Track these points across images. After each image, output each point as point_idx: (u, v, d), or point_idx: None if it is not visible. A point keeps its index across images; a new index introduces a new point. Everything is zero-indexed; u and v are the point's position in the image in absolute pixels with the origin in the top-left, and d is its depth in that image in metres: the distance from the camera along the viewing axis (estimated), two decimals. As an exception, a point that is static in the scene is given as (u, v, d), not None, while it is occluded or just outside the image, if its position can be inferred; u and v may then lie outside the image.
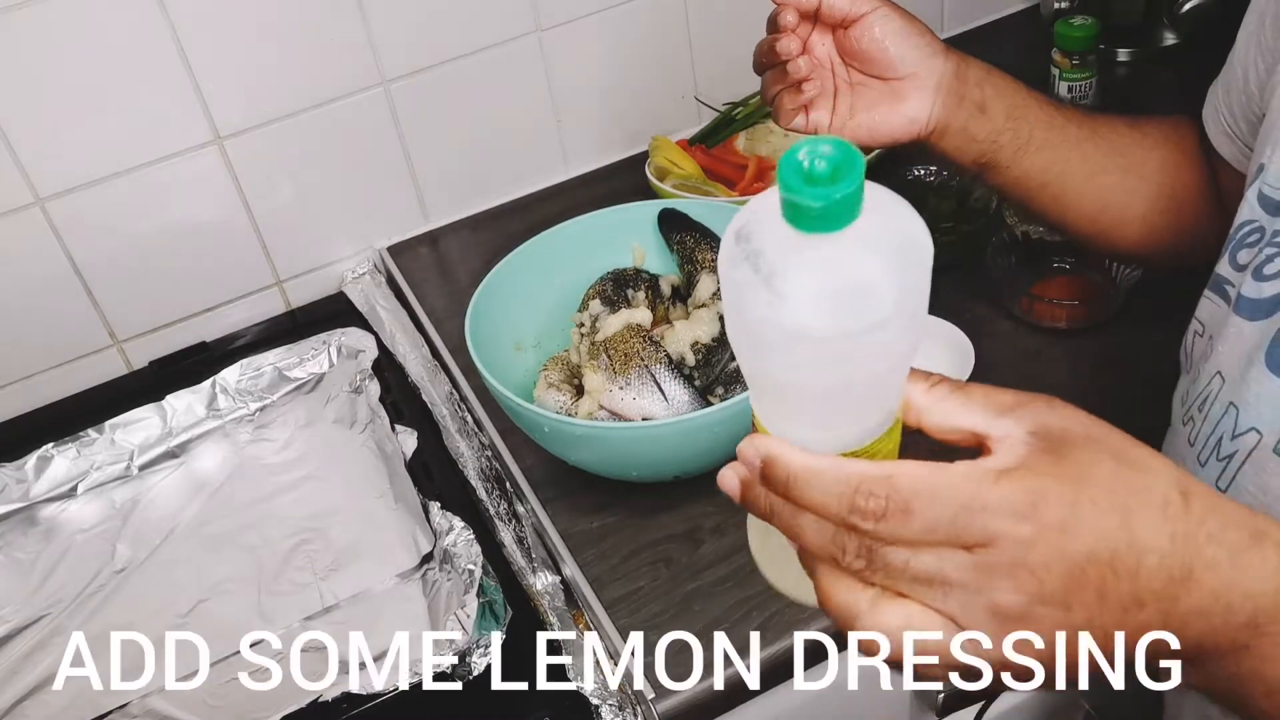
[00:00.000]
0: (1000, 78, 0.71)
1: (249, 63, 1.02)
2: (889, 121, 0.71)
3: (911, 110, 0.70)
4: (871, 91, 0.71)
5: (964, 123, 0.70)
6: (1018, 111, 0.71)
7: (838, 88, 0.71)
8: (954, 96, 0.70)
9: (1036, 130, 0.71)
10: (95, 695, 0.77)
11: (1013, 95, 0.71)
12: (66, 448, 0.96)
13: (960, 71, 0.70)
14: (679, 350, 0.85)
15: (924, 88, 0.70)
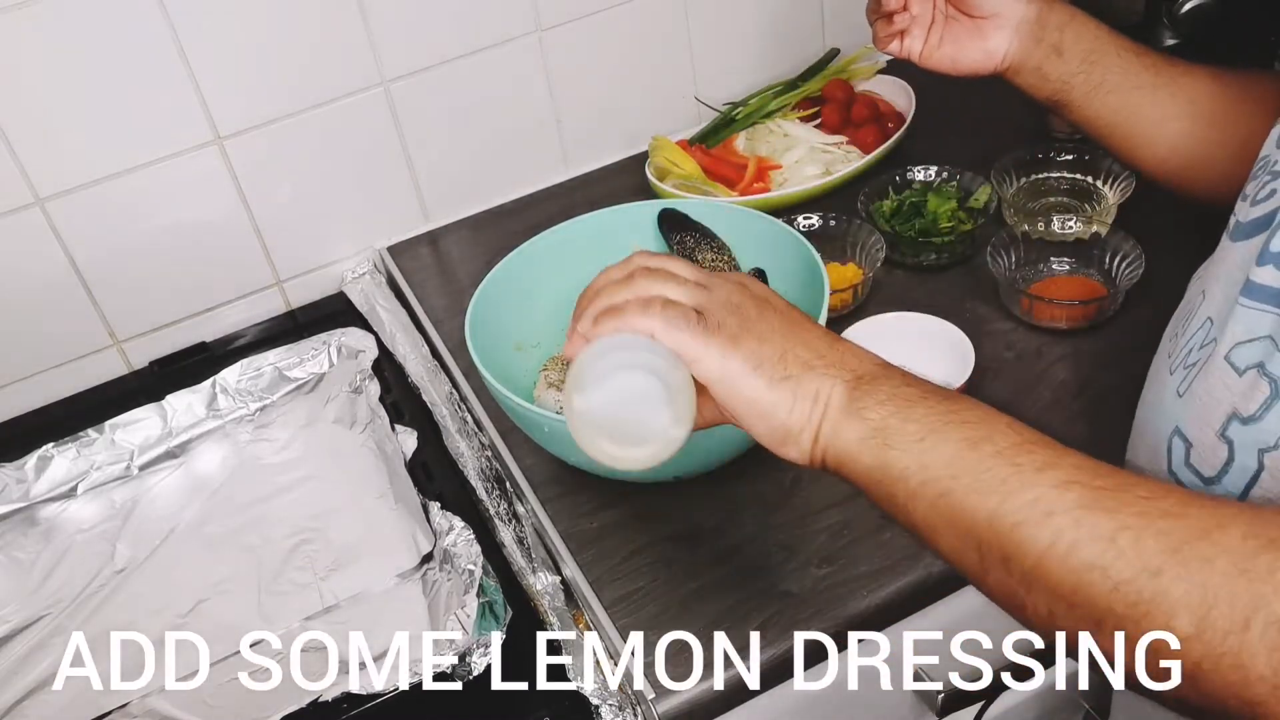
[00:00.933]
0: (1083, 23, 0.76)
1: (249, 63, 1.02)
2: (968, 55, 0.78)
3: (990, 46, 0.78)
4: (959, 26, 0.79)
5: (1038, 63, 0.77)
6: (1094, 56, 0.76)
7: (935, 19, 0.79)
8: (1031, 38, 0.76)
9: (1110, 75, 0.76)
10: (95, 695, 0.77)
11: (1092, 40, 0.76)
12: (66, 448, 0.96)
13: (1042, 15, 0.76)
14: (679, 350, 0.85)
15: (1004, 27, 0.77)
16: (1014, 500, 0.47)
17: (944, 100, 1.12)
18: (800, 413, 0.54)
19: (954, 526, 0.49)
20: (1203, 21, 1.08)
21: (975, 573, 0.49)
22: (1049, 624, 0.47)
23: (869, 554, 0.78)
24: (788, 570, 0.78)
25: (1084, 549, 0.45)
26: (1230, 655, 0.42)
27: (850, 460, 0.53)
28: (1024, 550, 0.47)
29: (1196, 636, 0.42)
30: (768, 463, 0.86)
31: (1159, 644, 0.43)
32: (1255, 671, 0.41)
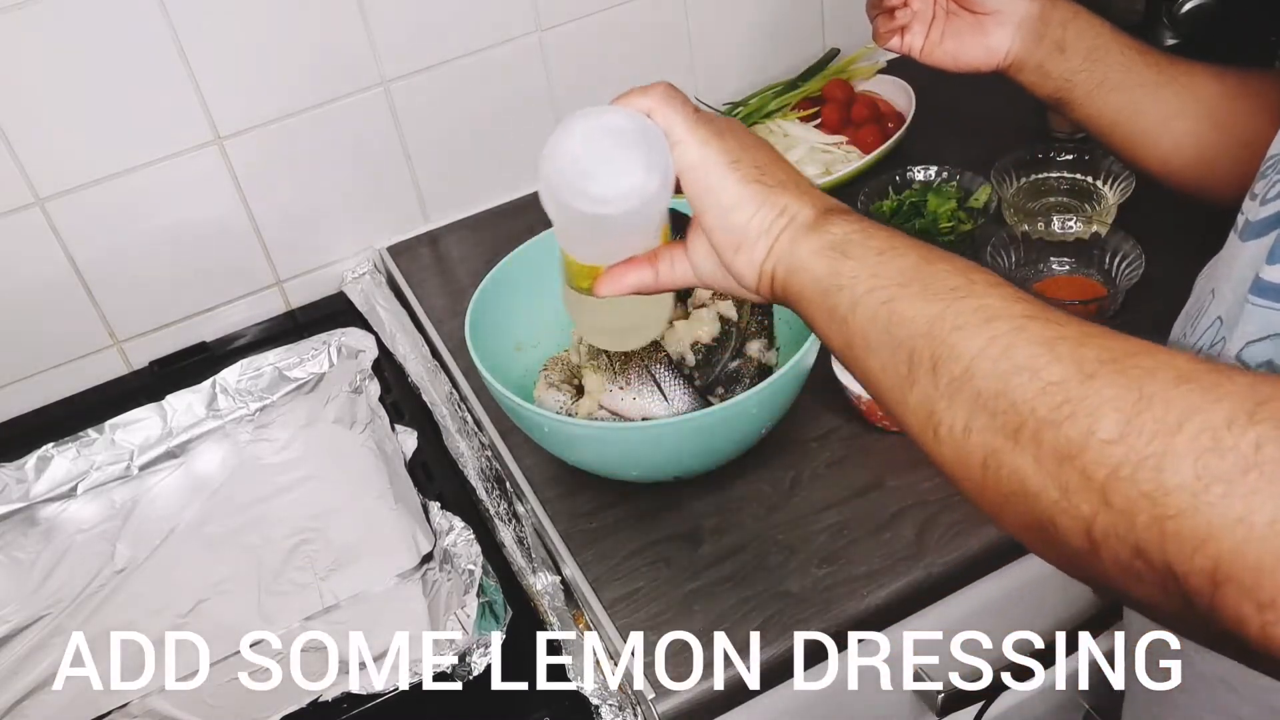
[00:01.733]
0: (1086, 20, 0.76)
1: (249, 63, 1.02)
2: (970, 51, 0.78)
3: (991, 43, 0.77)
4: (961, 22, 0.78)
5: (1040, 60, 0.76)
6: (1097, 54, 0.76)
7: (935, 15, 0.79)
8: (1034, 35, 0.76)
9: (1113, 73, 0.76)
10: (95, 695, 0.77)
11: (1095, 38, 0.76)
12: (66, 448, 0.96)
13: (1044, 12, 0.76)
14: (679, 350, 0.85)
15: (1006, 24, 0.77)
16: (959, 306, 0.45)
17: (944, 100, 1.12)
18: (762, 219, 0.53)
19: (890, 335, 0.47)
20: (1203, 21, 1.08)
21: (899, 387, 0.46)
22: (962, 443, 0.43)
23: (869, 554, 0.78)
24: (788, 570, 0.78)
25: (1019, 351, 0.42)
26: (1153, 459, 0.37)
27: (801, 270, 0.52)
28: (957, 353, 0.44)
29: (1120, 440, 0.38)
30: (768, 463, 0.86)
31: (1074, 448, 0.39)
32: (1176, 478, 0.36)
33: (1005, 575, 0.81)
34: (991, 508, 0.44)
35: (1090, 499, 0.38)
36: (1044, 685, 0.95)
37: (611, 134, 0.54)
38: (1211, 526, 0.35)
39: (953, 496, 0.81)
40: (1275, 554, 0.34)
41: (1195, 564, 0.36)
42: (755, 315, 0.90)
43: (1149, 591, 0.38)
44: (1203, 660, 0.63)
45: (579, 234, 0.58)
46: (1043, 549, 0.42)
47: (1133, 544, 0.37)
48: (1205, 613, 0.36)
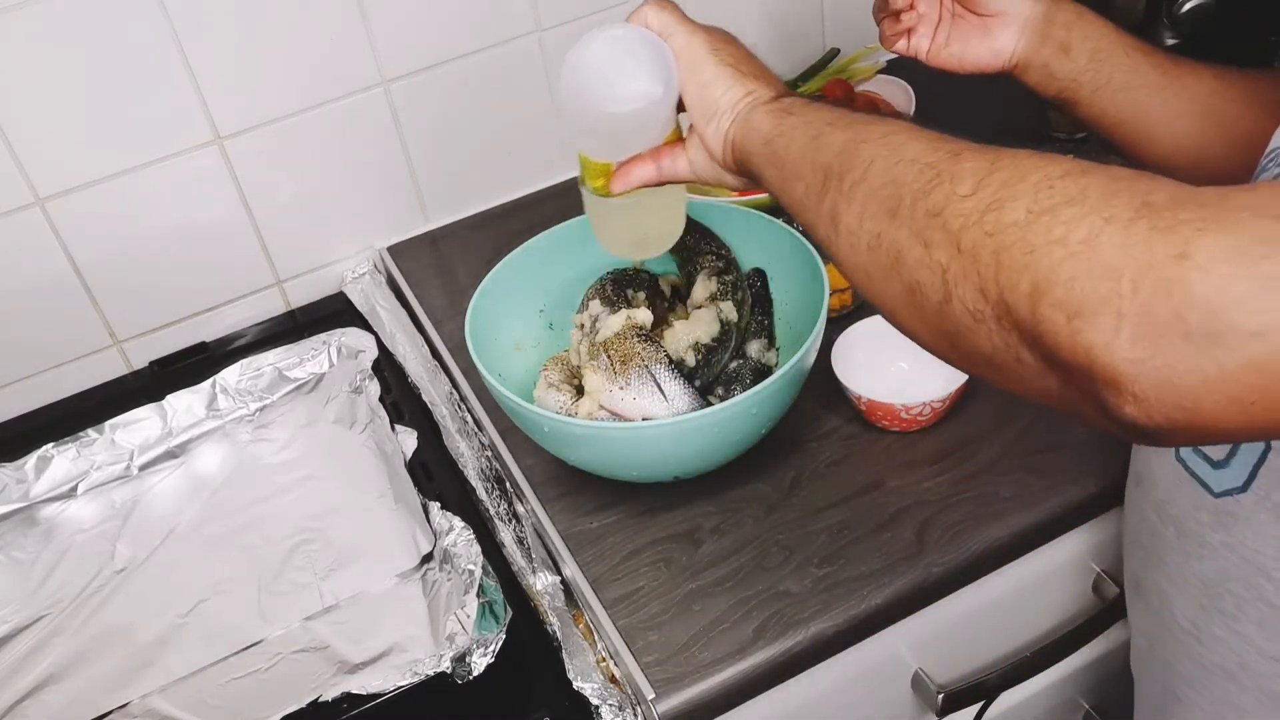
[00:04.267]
0: (1090, 21, 0.77)
1: (249, 63, 1.02)
2: (976, 53, 0.79)
3: (997, 45, 0.78)
4: (966, 24, 0.79)
5: (1045, 61, 0.77)
6: (1101, 54, 0.76)
7: (941, 18, 0.80)
8: (1038, 36, 0.77)
9: (1117, 73, 0.76)
10: (95, 695, 0.77)
11: (1099, 39, 0.77)
12: (66, 448, 0.96)
13: (1049, 13, 0.77)
14: (679, 350, 0.85)
15: (1010, 25, 0.78)
16: (871, 129, 0.53)
17: (944, 100, 1.12)
18: (731, 96, 0.63)
19: (812, 160, 0.55)
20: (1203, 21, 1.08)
21: (816, 201, 0.54)
22: (856, 232, 0.50)
23: (869, 554, 0.78)
24: (788, 570, 0.78)
25: (907, 149, 0.49)
26: (996, 203, 0.43)
27: (753, 130, 0.61)
28: (860, 159, 0.52)
29: (973, 193, 0.44)
30: (768, 463, 0.86)
31: (937, 207, 0.45)
32: (1012, 215, 0.42)
33: (1005, 575, 0.81)
34: (876, 288, 0.50)
35: (947, 249, 0.44)
36: (1044, 685, 0.96)
37: (622, 44, 0.64)
38: (1034, 248, 0.40)
39: (953, 496, 0.81)
40: (1085, 268, 0.39)
41: (1020, 289, 0.41)
42: (755, 315, 0.90)
43: (990, 335, 0.43)
44: (1205, 651, 0.64)
45: (595, 133, 0.68)
46: (911, 315, 0.48)
47: (976, 283, 0.43)
48: (1031, 339, 0.41)
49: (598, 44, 0.64)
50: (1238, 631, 0.61)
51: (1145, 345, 0.37)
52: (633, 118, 0.65)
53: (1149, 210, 0.38)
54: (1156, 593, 0.68)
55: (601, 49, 0.64)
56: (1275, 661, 0.60)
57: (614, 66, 0.64)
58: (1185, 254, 0.37)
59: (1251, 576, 0.58)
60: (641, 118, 0.65)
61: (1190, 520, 0.62)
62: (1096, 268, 0.38)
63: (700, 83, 0.64)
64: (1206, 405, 0.37)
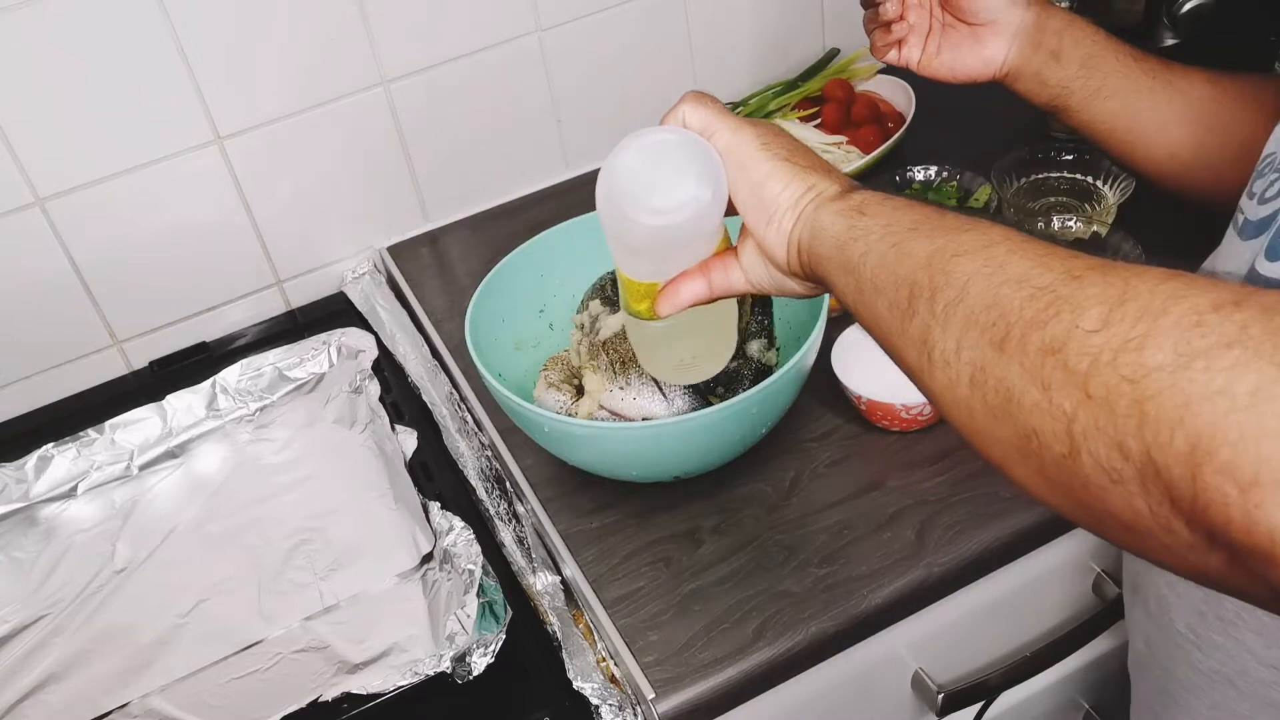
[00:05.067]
0: (1081, 28, 0.77)
1: (249, 63, 1.02)
2: (966, 62, 0.79)
3: (988, 54, 0.78)
4: (957, 34, 0.79)
5: (1037, 68, 0.77)
6: (1093, 61, 0.76)
7: (932, 27, 0.80)
8: (1030, 44, 0.77)
9: (1109, 80, 0.76)
10: (95, 695, 0.77)
11: (1091, 45, 0.76)
12: (66, 448, 0.96)
13: (1040, 21, 0.76)
14: (679, 350, 0.85)
15: (1002, 34, 0.77)
16: (962, 238, 0.46)
17: (944, 100, 1.12)
18: (792, 193, 0.56)
19: (895, 273, 0.48)
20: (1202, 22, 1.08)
21: (901, 320, 0.48)
22: (953, 363, 0.44)
23: (869, 554, 0.78)
24: (788, 570, 0.78)
25: (1012, 267, 0.43)
26: (1135, 341, 0.36)
27: (822, 231, 0.54)
28: (953, 278, 0.45)
29: (1103, 328, 0.37)
30: (768, 463, 0.86)
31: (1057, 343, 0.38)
32: (1157, 358, 0.35)
33: (1005, 575, 0.81)
34: (979, 431, 0.43)
35: (1072, 394, 0.38)
36: (1044, 685, 0.96)
37: (664, 150, 0.58)
38: (1190, 400, 0.34)
39: (953, 496, 0.81)
40: (1257, 424, 0.32)
41: (1174, 446, 0.34)
42: (755, 315, 0.90)
43: (1130, 498, 0.36)
44: (1203, 657, 0.64)
45: (637, 250, 0.61)
46: (1027, 467, 0.41)
47: (1112, 436, 0.36)
48: (1189, 510, 0.34)
49: (633, 151, 0.58)
50: (1236, 639, 0.60)
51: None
52: (679, 229, 0.57)
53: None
54: (1155, 598, 0.68)
55: (638, 156, 0.58)
56: (1273, 669, 0.59)
57: (654, 174, 0.57)
58: None
59: None
60: (689, 229, 0.58)
61: None
62: (1274, 425, 0.32)
63: (754, 182, 0.57)
64: None
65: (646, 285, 0.62)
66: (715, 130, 0.58)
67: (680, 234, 0.58)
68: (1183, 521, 0.35)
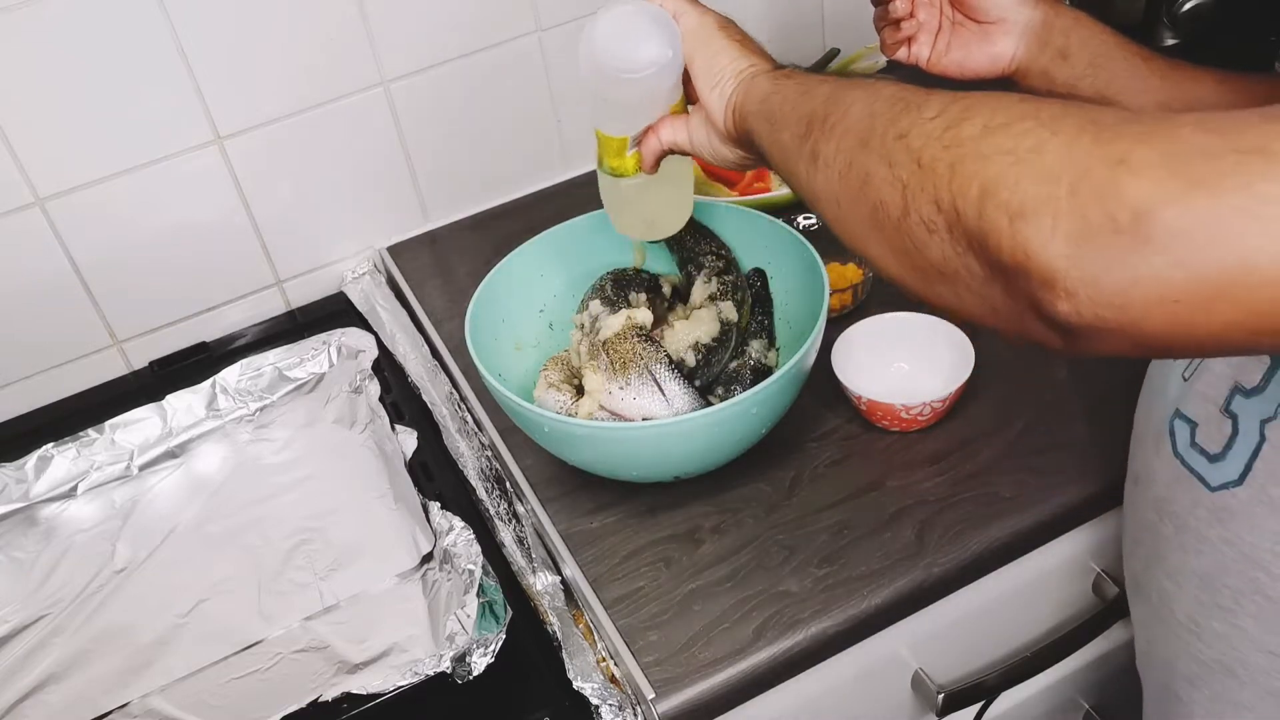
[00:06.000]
0: (1088, 27, 0.78)
1: (249, 63, 1.02)
2: (975, 60, 0.80)
3: (996, 51, 0.79)
4: (966, 31, 0.80)
5: (1044, 67, 0.78)
6: (1100, 60, 0.77)
7: (941, 25, 0.81)
8: (1038, 42, 0.78)
9: (1117, 78, 0.77)
10: (95, 695, 0.77)
11: (1098, 44, 0.77)
12: (66, 448, 0.96)
13: (1048, 20, 0.78)
14: (679, 350, 0.85)
15: (1010, 32, 0.79)
16: (857, 81, 0.56)
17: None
18: (737, 65, 0.67)
19: (798, 110, 0.59)
20: (1202, 22, 1.08)
21: (799, 145, 0.57)
22: (831, 163, 0.53)
23: (869, 554, 0.78)
24: (788, 570, 0.78)
25: (889, 89, 0.52)
26: (956, 121, 0.46)
27: (752, 93, 0.65)
28: (843, 102, 0.55)
29: (939, 115, 0.47)
30: (768, 463, 0.86)
31: (904, 129, 0.48)
32: (969, 129, 0.45)
33: (1005, 575, 0.81)
34: (845, 216, 0.53)
35: (908, 165, 0.47)
36: (1044, 685, 0.96)
37: (634, 19, 0.70)
38: (985, 158, 0.43)
39: (953, 496, 0.81)
40: (1029, 173, 0.41)
41: (970, 193, 0.43)
42: (755, 315, 0.91)
43: (942, 245, 0.45)
44: (1204, 647, 0.64)
45: (610, 104, 0.73)
46: (873, 235, 0.51)
47: (931, 194, 0.45)
48: (978, 243, 0.43)
49: (613, 15, 0.71)
50: (1236, 625, 0.61)
51: (1078, 243, 0.39)
52: (644, 82, 0.69)
53: (1094, 126, 0.41)
54: (1156, 590, 0.68)
55: (617, 20, 0.70)
56: (1273, 656, 0.60)
57: (628, 36, 0.70)
58: (1123, 160, 0.39)
59: (1248, 570, 0.59)
60: (655, 82, 0.70)
61: (1189, 516, 0.62)
62: (1039, 173, 0.41)
63: (710, 53, 0.68)
64: (1134, 303, 0.39)
65: (619, 141, 0.74)
66: (684, 11, 0.70)
67: (648, 86, 0.70)
68: (974, 256, 0.44)
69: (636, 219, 0.82)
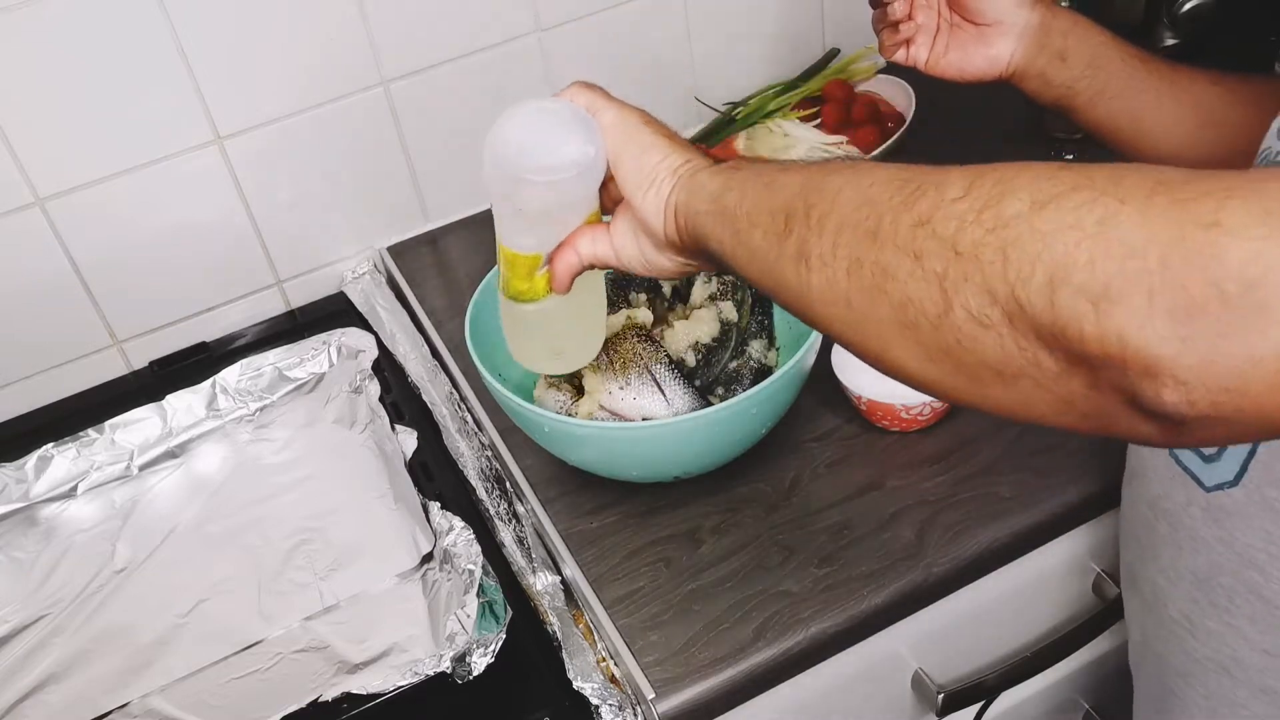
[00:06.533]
0: (1086, 29, 0.77)
1: (249, 63, 1.02)
2: (974, 61, 0.80)
3: (994, 53, 0.79)
4: (964, 33, 0.80)
5: (1042, 69, 0.78)
6: (1098, 62, 0.77)
7: (939, 27, 0.80)
8: (1035, 44, 0.77)
9: (1114, 80, 0.77)
10: (95, 695, 0.77)
11: (1096, 46, 0.77)
12: (66, 448, 0.96)
13: (1046, 22, 0.77)
14: (679, 350, 0.85)
15: (1008, 34, 0.78)
16: (830, 165, 0.50)
17: (944, 100, 1.12)
18: (671, 161, 0.59)
19: (770, 204, 0.51)
20: (1202, 22, 1.08)
21: (777, 244, 0.50)
22: (830, 262, 0.47)
23: (869, 554, 0.78)
24: (788, 570, 0.78)
25: (879, 173, 0.46)
26: (994, 199, 0.40)
27: (698, 190, 0.57)
28: (825, 192, 0.48)
29: (965, 195, 0.41)
30: (768, 463, 0.86)
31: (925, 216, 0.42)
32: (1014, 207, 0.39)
33: (1005, 575, 0.81)
34: (857, 319, 0.46)
35: (942, 255, 0.41)
36: (1044, 685, 0.96)
37: (547, 116, 0.61)
38: (1045, 237, 0.37)
39: (953, 496, 0.81)
40: (1105, 248, 0.36)
41: (1035, 280, 0.37)
42: (755, 315, 0.91)
43: (1000, 340, 0.39)
44: (1198, 644, 0.64)
45: (524, 213, 0.63)
46: (905, 342, 0.44)
47: (980, 284, 0.39)
48: (1050, 334, 0.37)
49: (523, 115, 0.61)
50: (1230, 624, 0.61)
51: (1183, 321, 0.34)
52: (567, 186, 0.61)
53: (1165, 187, 0.36)
54: (1150, 587, 0.68)
55: (528, 117, 0.61)
56: (1267, 655, 0.60)
57: (543, 133, 0.60)
58: (1215, 222, 0.34)
59: (1243, 570, 0.59)
60: (576, 186, 0.61)
61: (1183, 515, 0.62)
62: (1118, 247, 0.36)
63: (638, 149, 0.60)
64: (1254, 385, 0.34)
65: (528, 260, 0.64)
66: (601, 108, 0.61)
67: (568, 192, 0.61)
68: (1046, 350, 0.38)
69: (542, 349, 0.72)
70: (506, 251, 0.65)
